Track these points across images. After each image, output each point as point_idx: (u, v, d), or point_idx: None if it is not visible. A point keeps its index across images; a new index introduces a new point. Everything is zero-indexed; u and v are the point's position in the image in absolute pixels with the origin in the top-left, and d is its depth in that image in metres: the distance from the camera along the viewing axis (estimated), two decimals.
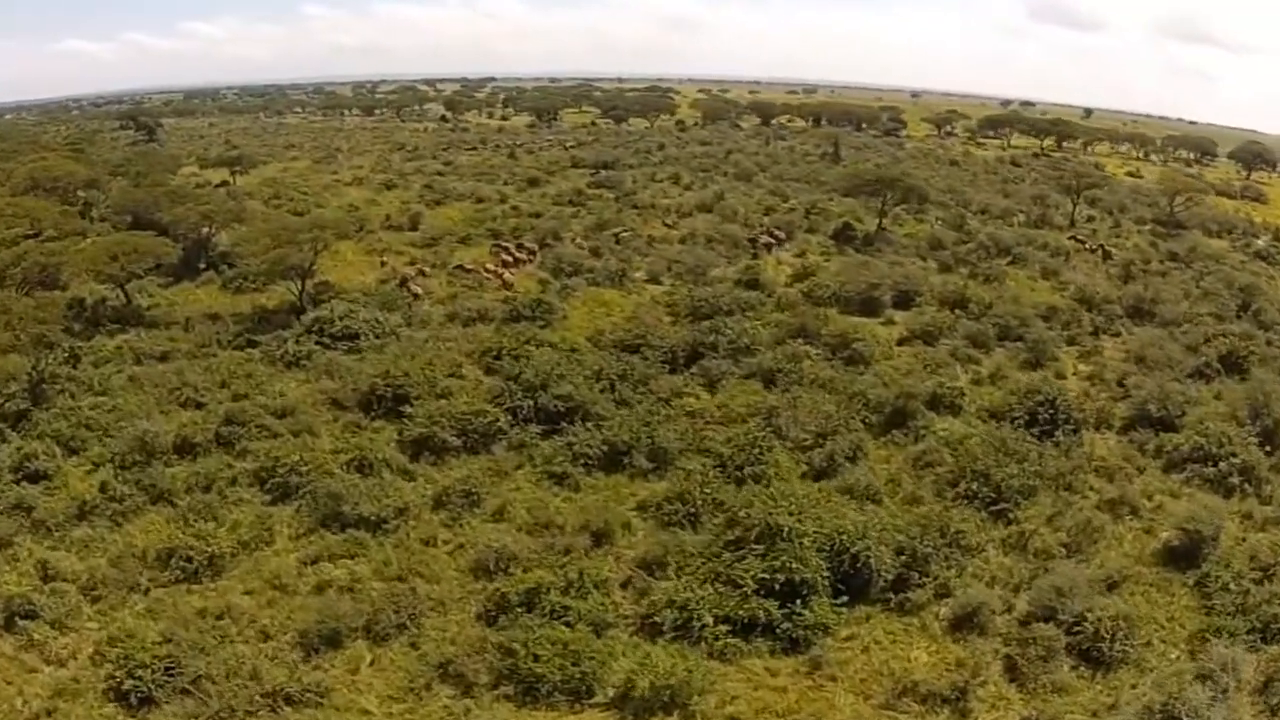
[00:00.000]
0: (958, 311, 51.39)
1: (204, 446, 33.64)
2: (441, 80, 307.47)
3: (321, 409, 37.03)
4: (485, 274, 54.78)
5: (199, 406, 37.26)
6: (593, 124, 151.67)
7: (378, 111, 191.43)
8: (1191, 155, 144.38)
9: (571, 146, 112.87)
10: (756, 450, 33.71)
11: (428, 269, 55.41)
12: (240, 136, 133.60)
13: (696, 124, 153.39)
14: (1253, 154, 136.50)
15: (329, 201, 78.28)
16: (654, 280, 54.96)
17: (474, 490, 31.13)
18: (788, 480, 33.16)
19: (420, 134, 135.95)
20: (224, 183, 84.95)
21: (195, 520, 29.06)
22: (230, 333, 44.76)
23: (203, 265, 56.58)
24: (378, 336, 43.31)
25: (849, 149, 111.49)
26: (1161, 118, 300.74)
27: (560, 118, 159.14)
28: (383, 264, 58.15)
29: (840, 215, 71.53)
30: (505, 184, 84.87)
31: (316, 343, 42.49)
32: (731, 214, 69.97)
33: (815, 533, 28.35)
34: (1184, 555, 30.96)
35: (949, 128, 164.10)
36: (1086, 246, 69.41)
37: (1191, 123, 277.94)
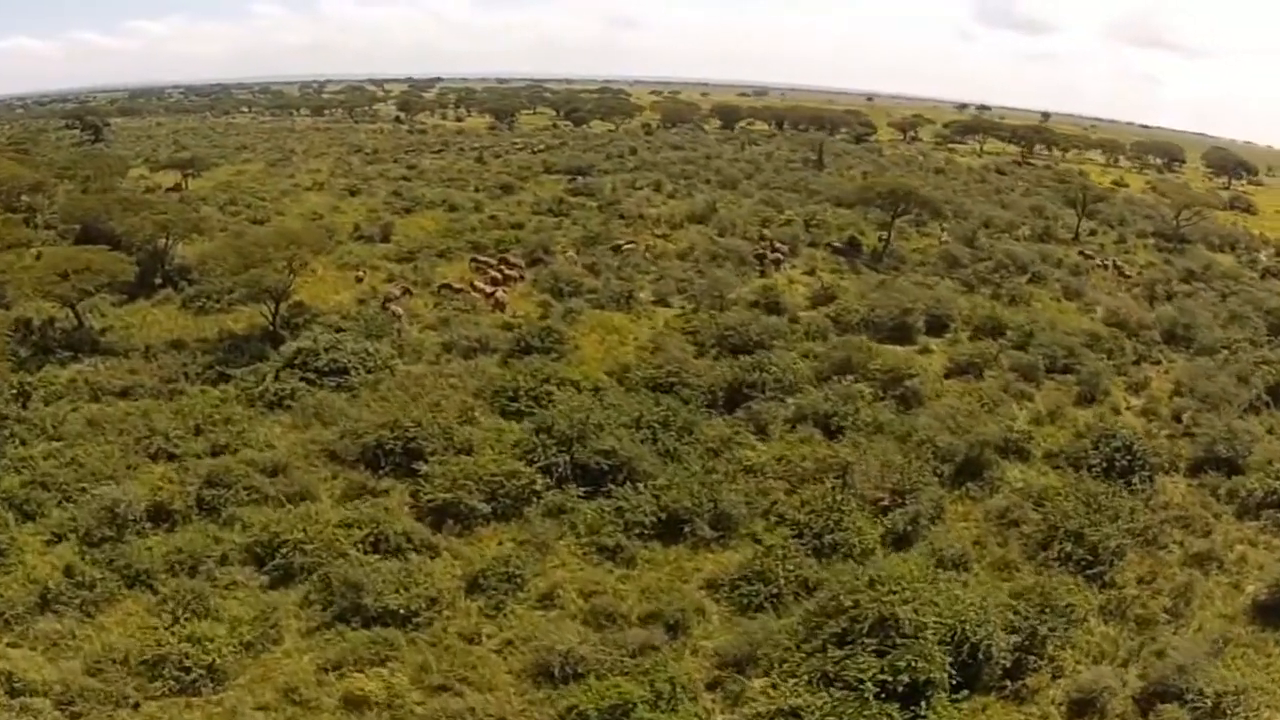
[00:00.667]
0: (1000, 340, 47.45)
1: (183, 513, 28.20)
2: (388, 80, 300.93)
3: (317, 463, 31.70)
4: (474, 293, 49.53)
5: (171, 458, 31.72)
6: (554, 126, 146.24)
7: (328, 112, 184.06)
8: (1160, 161, 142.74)
9: (540, 150, 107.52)
10: (835, 515, 29.19)
11: (412, 288, 49.97)
12: (189, 137, 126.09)
13: (660, 127, 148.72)
14: (1233, 162, 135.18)
15: (289, 208, 72.38)
16: (661, 301, 50.16)
17: (515, 571, 26.14)
18: (871, 548, 28.89)
19: (376, 135, 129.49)
20: (176, 187, 78.56)
21: (183, 611, 23.77)
22: (198, 364, 39.03)
23: (159, 280, 50.76)
24: (369, 371, 37.94)
25: (828, 155, 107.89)
26: (1112, 121, 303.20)
27: (518, 119, 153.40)
28: (359, 279, 52.66)
29: (841, 228, 67.42)
30: (477, 190, 79.35)
31: (301, 379, 37.02)
32: (729, 226, 65.33)
33: (936, 623, 24.05)
34: (1274, 610, 29.51)
35: (913, 133, 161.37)
36: (1099, 263, 66.15)
37: (1144, 126, 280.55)
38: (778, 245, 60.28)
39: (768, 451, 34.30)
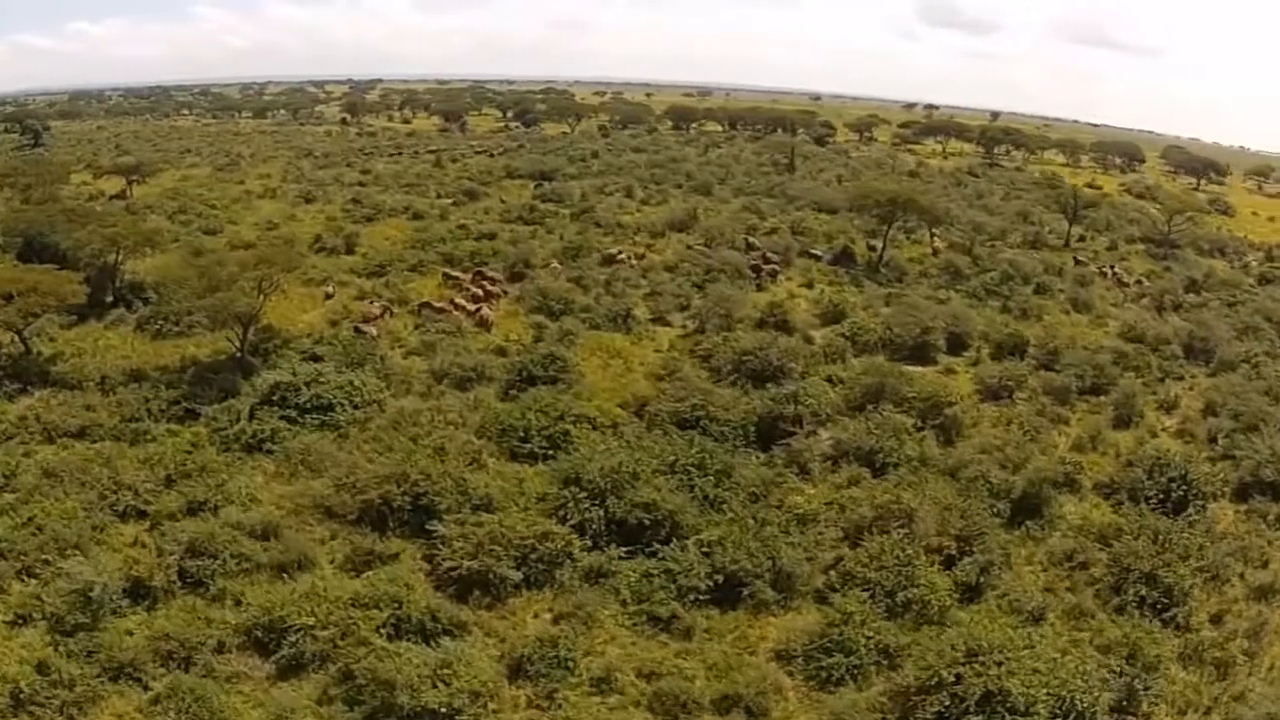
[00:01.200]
0: (1025, 359, 44.83)
1: (165, 589, 24.15)
2: (329, 82, 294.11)
3: (311, 521, 27.74)
4: (456, 312, 45.71)
5: (142, 516, 27.69)
6: (505, 129, 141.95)
7: (271, 114, 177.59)
8: (1121, 161, 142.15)
9: (497, 154, 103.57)
10: (906, 570, 26.07)
11: (392, 307, 45.99)
12: (131, 141, 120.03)
13: (614, 128, 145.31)
14: (1201, 163, 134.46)
15: (242, 217, 67.97)
16: (660, 319, 46.80)
17: (564, 653, 22.58)
18: (946, 605, 25.84)
19: (325, 138, 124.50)
20: (121, 193, 73.80)
21: (182, 714, 19.94)
22: (162, 400, 34.80)
23: (110, 299, 46.39)
24: (356, 406, 34.00)
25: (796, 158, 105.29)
26: (1059, 120, 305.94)
27: (469, 122, 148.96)
28: (328, 296, 48.65)
29: (830, 236, 64.68)
30: (439, 196, 75.48)
31: (280, 417, 33.01)
32: (716, 235, 62.07)
33: (1046, 695, 21.22)
34: None
35: (869, 133, 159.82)
36: (1098, 271, 64.12)
37: (1094, 125, 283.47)
38: (770, 255, 57.27)
39: (816, 495, 31.00)
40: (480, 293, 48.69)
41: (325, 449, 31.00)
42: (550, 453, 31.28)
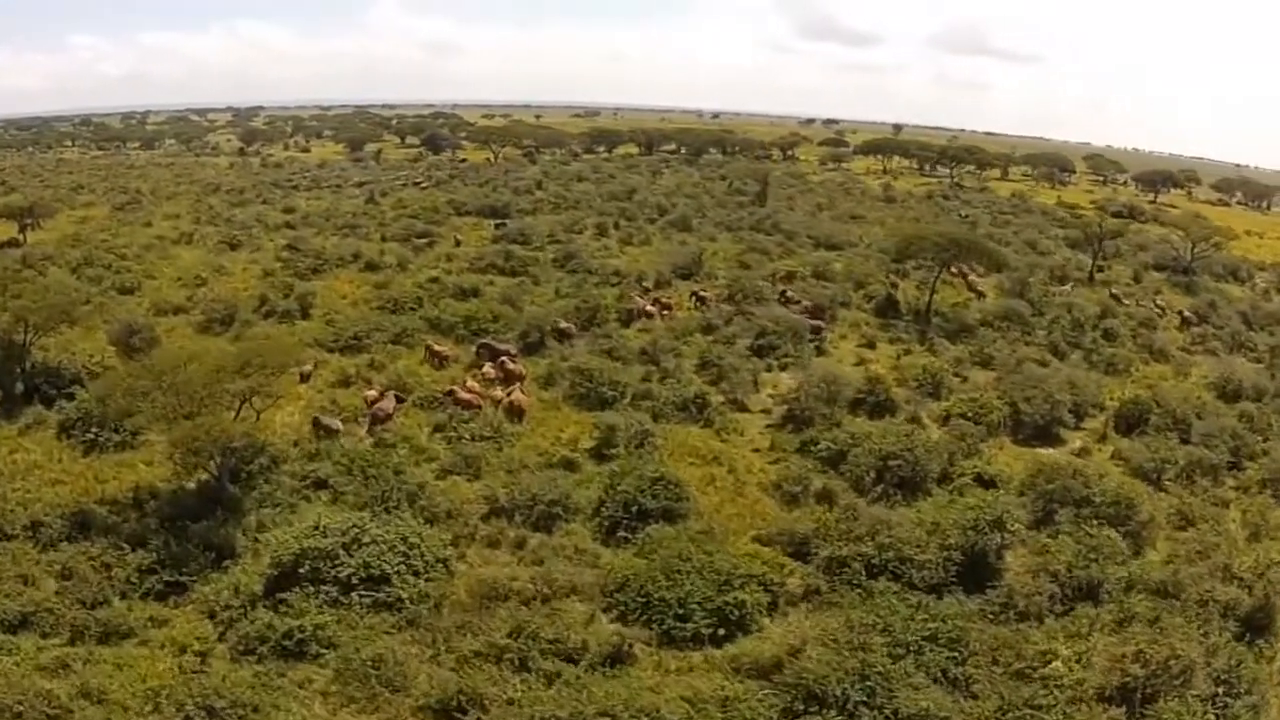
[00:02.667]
0: (1155, 431, 37.52)
1: None
2: (210, 110, 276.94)
3: None
4: (471, 395, 36.20)
5: None
6: (420, 156, 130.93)
7: (160, 144, 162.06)
8: (1055, 172, 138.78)
9: (428, 185, 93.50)
10: None
11: (394, 395, 35.98)
12: (17, 176, 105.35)
13: (536, 152, 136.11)
14: (1165, 176, 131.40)
15: (160, 269, 57.12)
16: (736, 404, 38.05)
17: None
18: None
19: (227, 171, 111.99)
20: (13, 241, 62.29)
21: None
22: (129, 566, 24.53)
23: (20, 389, 35.77)
24: (417, 574, 24.20)
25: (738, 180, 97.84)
26: (940, 129, 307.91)
27: (383, 151, 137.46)
28: (303, 379, 38.57)
29: (860, 282, 57.05)
30: (385, 239, 65.49)
31: (318, 597, 23.05)
32: (739, 284, 53.69)
33: None
34: None
35: (792, 152, 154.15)
36: (1144, 306, 58.09)
37: (989, 134, 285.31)
38: (813, 309, 49.33)
39: (1067, 651, 22.63)
40: (498, 373, 39.26)
41: (397, 652, 21.33)
42: (722, 634, 22.35)
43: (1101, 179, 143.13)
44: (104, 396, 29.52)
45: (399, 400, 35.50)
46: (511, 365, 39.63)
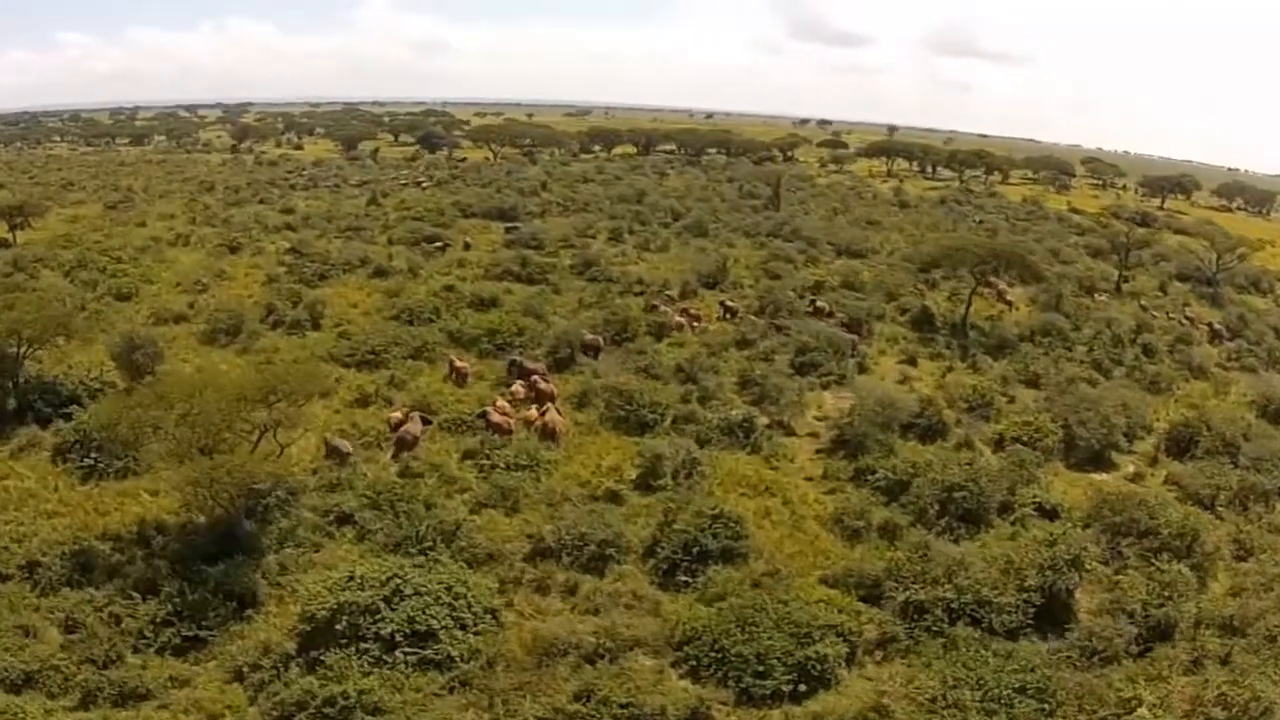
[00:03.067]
0: (1219, 456, 35.46)
1: None
2: (199, 106, 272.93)
3: None
4: (503, 417, 33.91)
5: None
6: (416, 156, 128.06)
7: (149, 140, 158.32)
8: (1056, 176, 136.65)
9: (429, 185, 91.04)
10: None
11: (420, 416, 33.64)
12: (5, 173, 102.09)
13: (535, 151, 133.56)
14: (1173, 181, 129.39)
15: (158, 273, 54.63)
16: (783, 428, 35.83)
17: None
18: None
19: (220, 169, 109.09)
20: (2, 241, 59.83)
21: None
22: (141, 616, 22.23)
23: (12, 406, 33.31)
24: (464, 627, 21.90)
25: (748, 183, 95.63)
26: (930, 130, 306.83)
27: (380, 149, 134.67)
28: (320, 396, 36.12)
29: (891, 293, 55.04)
30: (392, 243, 63.09)
31: (359, 655, 20.73)
32: (770, 294, 51.61)
33: None
34: None
35: (791, 153, 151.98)
36: (1178, 320, 56.27)
37: (981, 135, 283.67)
38: (854, 323, 47.36)
39: (1150, 696, 20.71)
40: (528, 392, 37.00)
41: (459, 718, 19.13)
42: (803, 689, 20.27)
43: (1100, 183, 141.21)
44: (108, 425, 26.96)
45: (425, 422, 33.20)
46: (544, 384, 37.32)
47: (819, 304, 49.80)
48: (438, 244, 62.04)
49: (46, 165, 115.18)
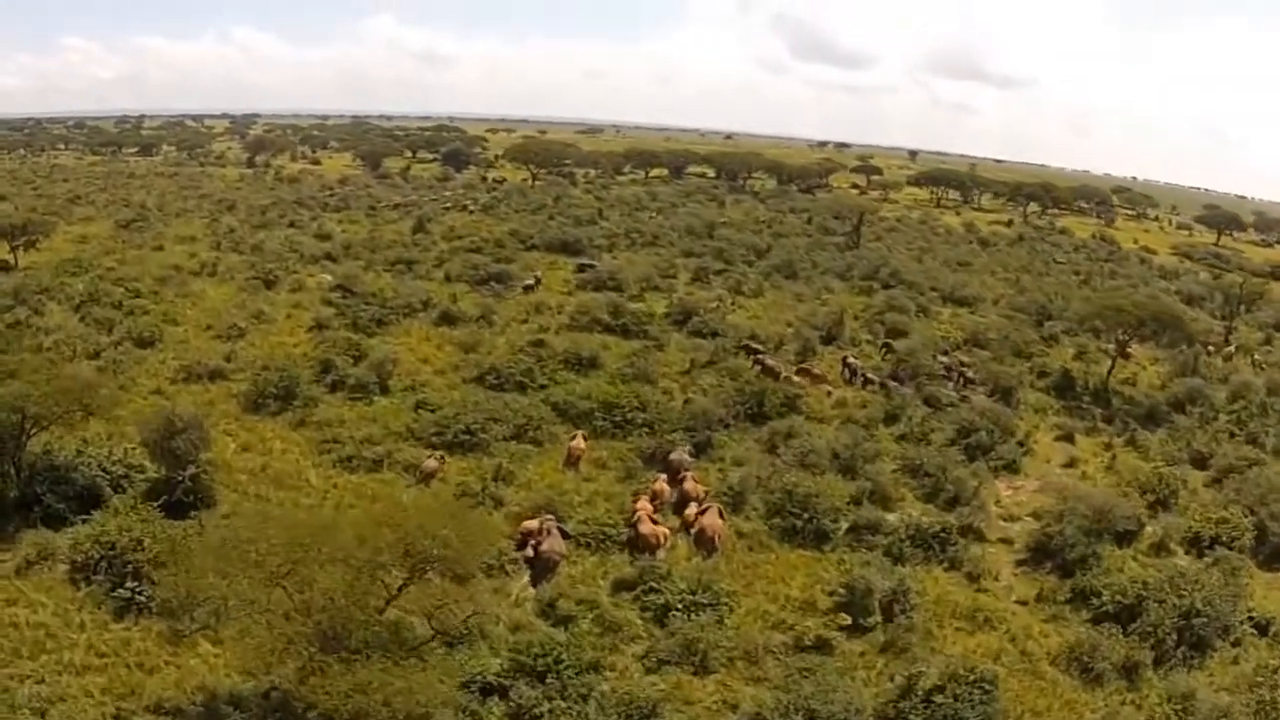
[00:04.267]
0: None
1: None
2: (205, 116, 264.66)
3: None
4: (660, 534, 25.83)
5: None
6: (446, 175, 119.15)
7: (158, 151, 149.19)
8: (1110, 209, 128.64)
9: (475, 209, 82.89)
10: None
11: (557, 527, 25.15)
12: (7, 183, 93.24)
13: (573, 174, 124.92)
14: (1226, 218, 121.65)
15: (183, 311, 46.43)
16: (972, 532, 28.57)
17: None
18: None
19: (238, 184, 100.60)
20: (2, 264, 52.80)
21: None
22: None
23: (14, 494, 25.46)
24: None
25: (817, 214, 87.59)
26: (938, 153, 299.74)
27: (410, 167, 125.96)
28: (425, 479, 28.28)
29: (1021, 351, 47.59)
30: (450, 278, 54.90)
31: None
32: (910, 357, 43.59)
33: None
34: None
35: (824, 180, 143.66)
36: None
37: (988, 160, 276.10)
38: (1005, 391, 39.83)
39: None
40: (673, 491, 28.85)
41: None
42: None
43: (1135, 214, 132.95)
44: (179, 593, 18.33)
45: (564, 534, 24.96)
46: (692, 483, 29.12)
47: (963, 368, 42.05)
48: (527, 283, 53.64)
49: (51, 175, 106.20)
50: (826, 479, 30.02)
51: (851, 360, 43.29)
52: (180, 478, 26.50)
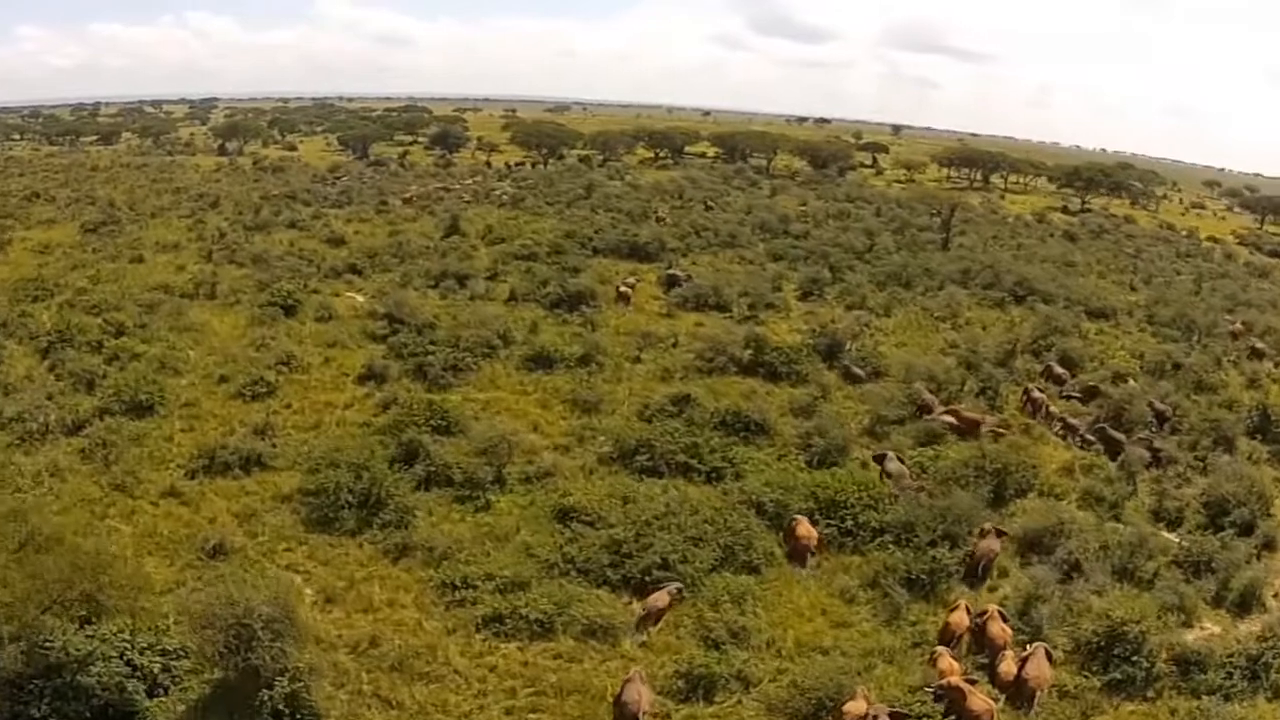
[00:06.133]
0: None
1: None
2: (164, 101, 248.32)
3: None
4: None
5: None
6: (447, 161, 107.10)
7: (120, 138, 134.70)
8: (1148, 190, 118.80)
9: (505, 204, 71.64)
10: None
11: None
12: None
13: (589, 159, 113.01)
14: (1266, 201, 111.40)
15: (184, 353, 35.16)
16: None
17: None
18: None
19: (215, 176, 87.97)
20: None
21: None
22: None
23: None
24: None
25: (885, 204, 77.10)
26: (896, 126, 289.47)
27: (408, 152, 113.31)
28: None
29: (1206, 382, 37.89)
30: (515, 297, 44.03)
31: None
32: (1124, 399, 33.59)
33: None
34: None
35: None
36: None
37: (961, 132, 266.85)
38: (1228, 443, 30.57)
39: None
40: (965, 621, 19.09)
41: None
42: None
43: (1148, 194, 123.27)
44: None
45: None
46: (999, 627, 19.11)
47: (1164, 410, 33.03)
48: (592, 307, 42.77)
49: (6, 169, 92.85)
50: (1117, 594, 21.41)
51: (1036, 394, 34.24)
52: (265, 699, 15.74)
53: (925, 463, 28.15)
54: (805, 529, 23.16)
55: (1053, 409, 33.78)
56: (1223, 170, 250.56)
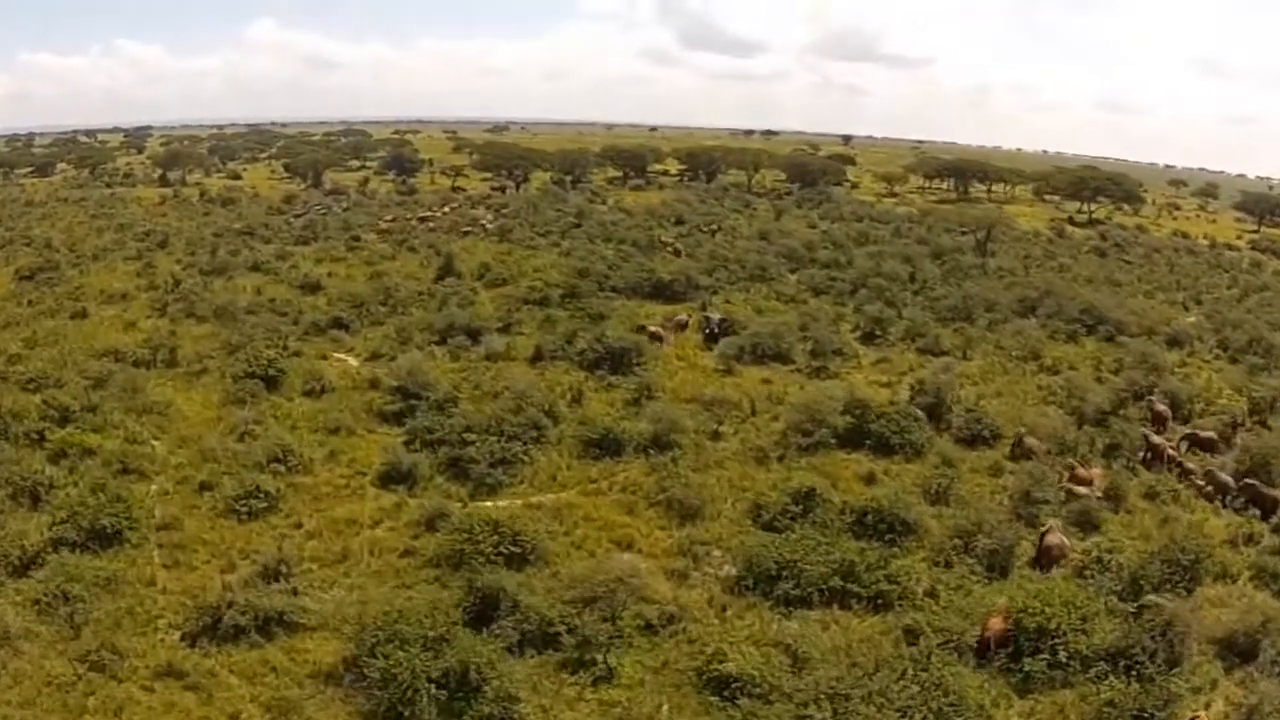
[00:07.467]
0: None
1: None
2: (98, 131, 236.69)
3: None
4: None
5: None
6: (411, 189, 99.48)
7: (54, 170, 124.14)
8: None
9: (484, 233, 64.74)
10: None
11: None
12: None
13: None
14: (1261, 201, 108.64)
15: (143, 448, 28.61)
16: None
17: None
18: None
19: (160, 210, 79.46)
20: None
21: None
22: None
23: None
24: None
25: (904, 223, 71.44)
26: (846, 136, 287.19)
27: (368, 179, 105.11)
28: None
29: None
30: (542, 356, 37.07)
31: None
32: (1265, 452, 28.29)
33: None
34: None
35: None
36: None
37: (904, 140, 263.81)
38: None
39: None
40: None
41: None
42: None
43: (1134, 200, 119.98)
44: None
45: None
46: None
47: None
48: (639, 366, 36.05)
49: None
50: None
51: (1156, 440, 29.92)
52: None
53: (1101, 555, 22.16)
54: None
55: (1188, 464, 28.99)
56: (1169, 167, 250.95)
